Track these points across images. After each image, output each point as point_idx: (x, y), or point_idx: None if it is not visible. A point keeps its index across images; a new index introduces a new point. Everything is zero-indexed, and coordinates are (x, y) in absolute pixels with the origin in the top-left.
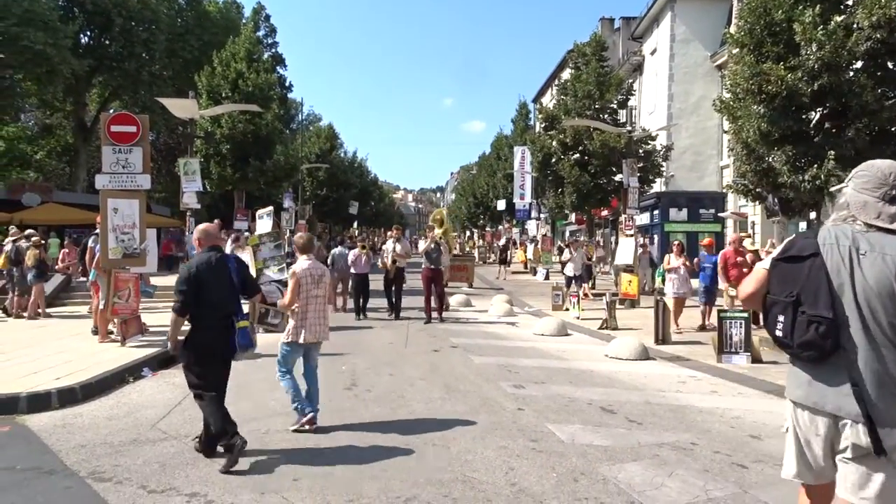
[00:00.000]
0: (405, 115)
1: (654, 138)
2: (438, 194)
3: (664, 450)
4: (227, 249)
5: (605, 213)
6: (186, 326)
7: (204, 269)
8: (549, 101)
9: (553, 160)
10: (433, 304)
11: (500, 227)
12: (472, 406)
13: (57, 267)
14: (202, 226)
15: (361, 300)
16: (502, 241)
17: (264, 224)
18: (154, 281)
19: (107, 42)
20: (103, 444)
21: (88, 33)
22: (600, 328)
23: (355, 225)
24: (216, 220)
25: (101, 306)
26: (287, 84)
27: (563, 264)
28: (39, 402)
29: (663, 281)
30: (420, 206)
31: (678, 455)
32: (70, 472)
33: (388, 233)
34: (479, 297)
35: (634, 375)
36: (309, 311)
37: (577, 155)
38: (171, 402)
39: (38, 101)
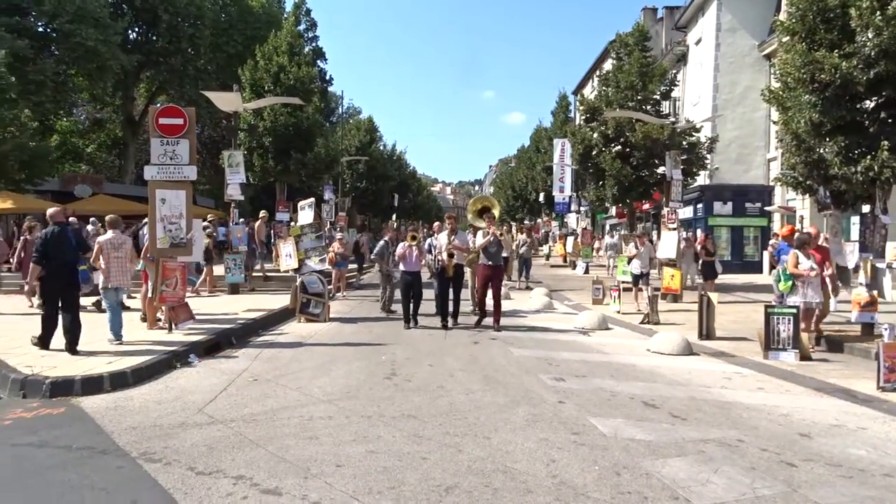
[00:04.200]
0: (444, 108)
1: (698, 130)
2: (476, 187)
3: (709, 446)
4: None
5: (646, 206)
6: None
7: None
8: (589, 92)
9: (594, 152)
10: (487, 307)
11: (539, 220)
12: (512, 398)
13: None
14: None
15: (412, 304)
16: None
17: (306, 215)
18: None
19: (154, 38)
20: (153, 426)
21: (136, 29)
22: (642, 322)
23: (394, 217)
24: (263, 213)
25: (149, 294)
26: (327, 77)
27: (629, 259)
28: (93, 384)
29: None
30: (458, 198)
31: (724, 451)
32: (122, 453)
33: (435, 224)
34: (517, 290)
35: (678, 370)
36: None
37: (619, 147)
38: (216, 387)
39: (89, 96)
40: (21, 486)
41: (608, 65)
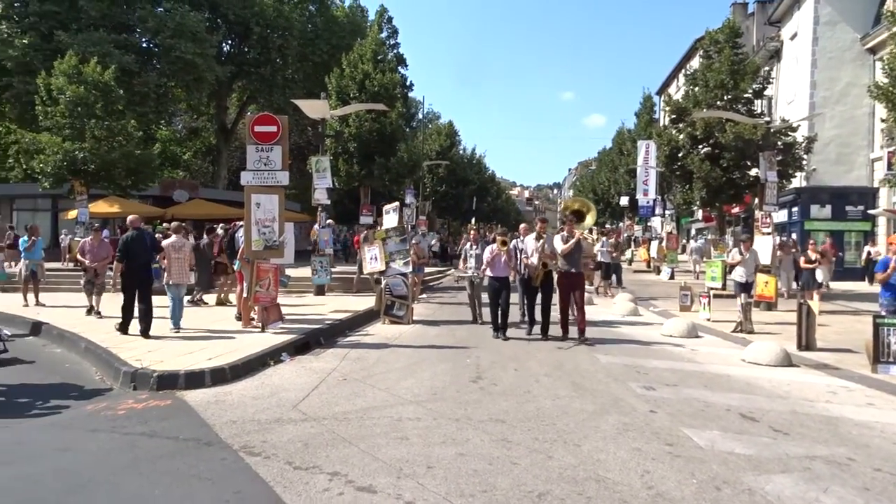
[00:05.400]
0: (523, 111)
1: (794, 129)
2: (555, 191)
3: (816, 463)
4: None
5: (736, 209)
6: None
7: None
8: (675, 92)
9: (681, 154)
10: (572, 317)
11: (621, 224)
12: (601, 405)
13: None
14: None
15: (501, 313)
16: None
17: (390, 219)
18: (288, 272)
19: (245, 50)
20: (251, 421)
21: (230, 42)
22: (734, 331)
23: (473, 221)
24: (364, 223)
25: (244, 294)
26: (408, 83)
27: (731, 267)
28: (195, 379)
29: None
30: (536, 202)
31: (832, 470)
32: (224, 445)
33: (522, 226)
34: (600, 296)
35: (776, 382)
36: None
37: (708, 148)
38: (308, 385)
39: (187, 107)
40: (136, 473)
41: (695, 63)
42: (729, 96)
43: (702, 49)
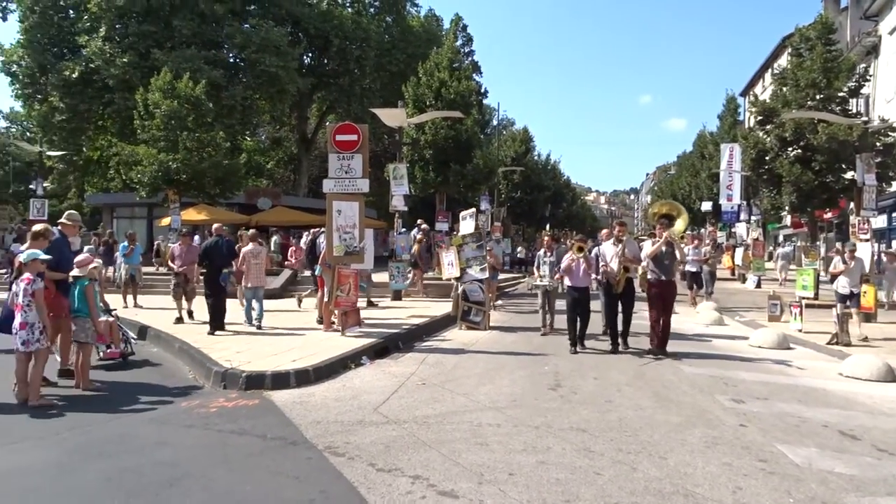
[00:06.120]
0: (599, 115)
1: (894, 129)
2: (632, 196)
3: None
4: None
5: (828, 214)
6: None
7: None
8: (762, 93)
9: (768, 157)
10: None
11: (703, 230)
12: (686, 417)
13: (286, 263)
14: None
15: (579, 324)
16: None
17: (467, 225)
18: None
19: (325, 61)
20: (334, 422)
21: (310, 55)
22: (829, 343)
23: (547, 227)
24: (459, 234)
25: (325, 298)
26: (482, 90)
27: (833, 277)
28: (281, 380)
29: None
30: (613, 208)
31: None
32: (309, 445)
33: (602, 232)
34: (680, 304)
35: (879, 399)
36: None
37: (798, 150)
38: (388, 389)
39: (270, 118)
40: (228, 469)
41: (783, 61)
42: (821, 95)
43: (791, 47)
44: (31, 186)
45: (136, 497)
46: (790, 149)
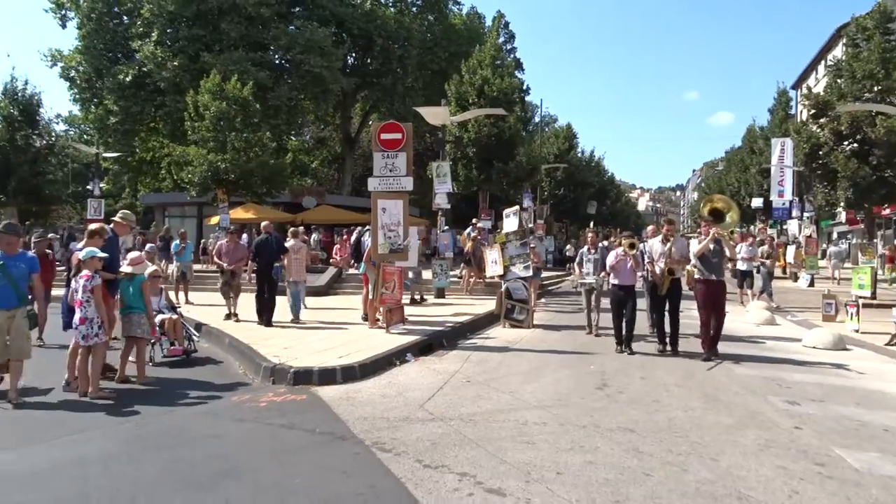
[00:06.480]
0: (644, 112)
1: None
2: (678, 193)
3: None
4: (448, 242)
5: (887, 210)
6: None
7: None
8: (815, 85)
9: (822, 151)
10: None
11: (751, 227)
12: (738, 419)
13: (332, 260)
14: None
15: (626, 325)
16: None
17: (511, 223)
18: (411, 275)
19: (368, 61)
20: (381, 418)
21: (353, 55)
22: (888, 344)
23: (591, 224)
24: (502, 232)
25: (370, 296)
26: (524, 87)
27: None
28: (328, 376)
29: None
30: (658, 205)
31: None
32: (357, 440)
33: (649, 228)
34: (729, 302)
35: None
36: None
37: (855, 144)
38: (433, 386)
39: (314, 118)
40: (278, 462)
41: (838, 52)
42: (879, 87)
43: (847, 37)
44: (88, 187)
45: (191, 488)
46: (846, 143)
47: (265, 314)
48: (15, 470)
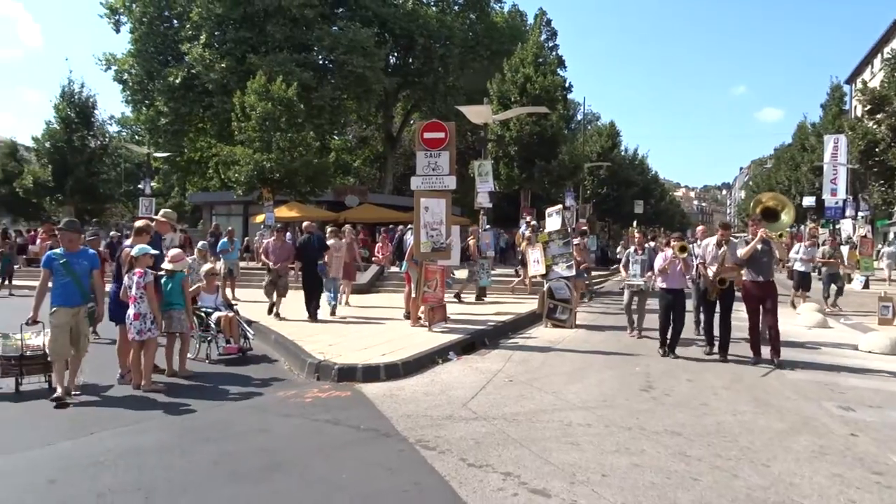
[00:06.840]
0: (689, 108)
1: None
2: (724, 191)
3: None
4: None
5: None
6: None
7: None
8: (871, 79)
9: (879, 148)
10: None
11: (803, 226)
12: (790, 424)
13: (374, 259)
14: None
15: (672, 330)
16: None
17: (553, 222)
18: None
19: (410, 61)
20: (424, 416)
21: (395, 54)
22: None
23: (634, 224)
24: (531, 222)
25: (412, 294)
26: (567, 85)
27: None
28: (371, 373)
29: None
30: (703, 204)
31: None
32: (401, 438)
33: (699, 229)
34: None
35: None
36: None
37: None
38: (476, 385)
39: (356, 117)
40: (324, 457)
41: (895, 45)
42: None
43: None
44: (139, 186)
45: (240, 479)
46: None
47: (312, 308)
48: (76, 457)
